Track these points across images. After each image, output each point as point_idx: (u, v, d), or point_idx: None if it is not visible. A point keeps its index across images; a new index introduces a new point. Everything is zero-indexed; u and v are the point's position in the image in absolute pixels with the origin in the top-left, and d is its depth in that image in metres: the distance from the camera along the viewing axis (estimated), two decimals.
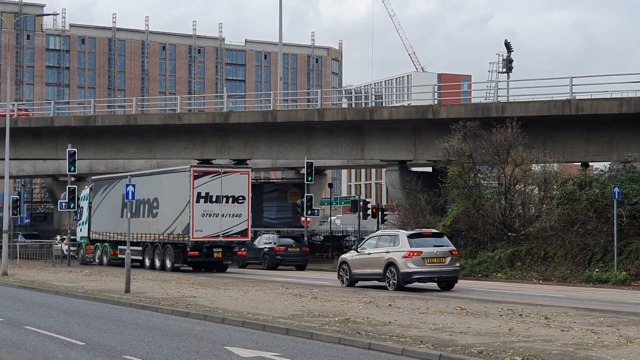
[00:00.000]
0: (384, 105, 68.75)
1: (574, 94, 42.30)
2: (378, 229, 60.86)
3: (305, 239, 53.42)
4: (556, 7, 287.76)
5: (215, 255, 41.63)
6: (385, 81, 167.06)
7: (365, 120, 48.79)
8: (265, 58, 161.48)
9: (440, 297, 25.20)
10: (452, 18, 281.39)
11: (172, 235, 42.32)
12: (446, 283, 29.85)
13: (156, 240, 43.35)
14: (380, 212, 59.05)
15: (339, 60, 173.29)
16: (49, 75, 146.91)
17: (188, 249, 41.22)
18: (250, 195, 42.56)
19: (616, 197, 34.54)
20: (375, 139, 49.52)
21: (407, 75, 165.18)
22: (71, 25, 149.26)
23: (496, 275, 38.34)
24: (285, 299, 24.24)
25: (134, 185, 29.34)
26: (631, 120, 41.88)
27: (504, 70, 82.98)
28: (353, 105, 76.93)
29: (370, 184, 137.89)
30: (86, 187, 53.54)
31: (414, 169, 53.44)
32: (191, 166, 42.71)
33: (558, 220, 39.11)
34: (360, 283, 30.80)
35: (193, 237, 40.77)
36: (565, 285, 33.86)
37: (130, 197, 28.67)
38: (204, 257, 41.74)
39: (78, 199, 49.21)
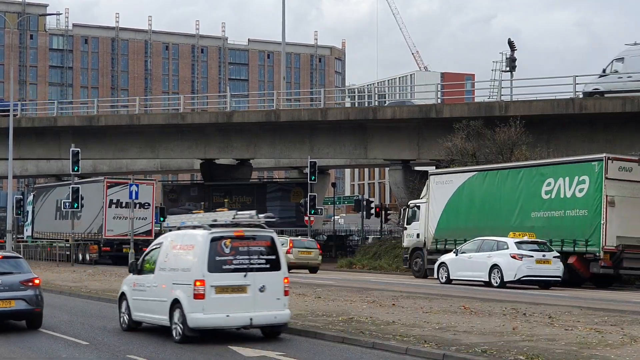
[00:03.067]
0: (387, 104, 68.64)
1: (577, 93, 42.25)
2: (381, 228, 60.98)
3: (309, 238, 53.36)
4: (559, 6, 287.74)
5: (124, 250, 47.95)
6: (388, 80, 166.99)
7: (369, 120, 48.78)
8: (268, 57, 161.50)
9: (444, 296, 25.19)
10: (455, 17, 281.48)
11: (90, 234, 51.24)
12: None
13: (80, 239, 51.34)
14: (383, 212, 59.09)
15: (342, 59, 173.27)
16: (52, 75, 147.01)
17: (101, 245, 49.98)
18: (154, 201, 51.21)
19: None
20: (378, 138, 49.50)
21: (410, 75, 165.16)
22: (74, 25, 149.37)
23: None
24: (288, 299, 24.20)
25: (137, 186, 29.47)
26: (634, 119, 41.82)
27: (507, 69, 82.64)
28: (356, 105, 76.81)
29: (374, 183, 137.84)
30: (31, 193, 61.17)
31: (417, 168, 53.42)
32: (104, 178, 51.83)
33: None
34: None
35: (105, 236, 49.78)
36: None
37: (133, 197, 28.75)
38: (114, 252, 50.04)
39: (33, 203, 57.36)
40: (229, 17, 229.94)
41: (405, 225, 40.10)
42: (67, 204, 47.97)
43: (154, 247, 17.53)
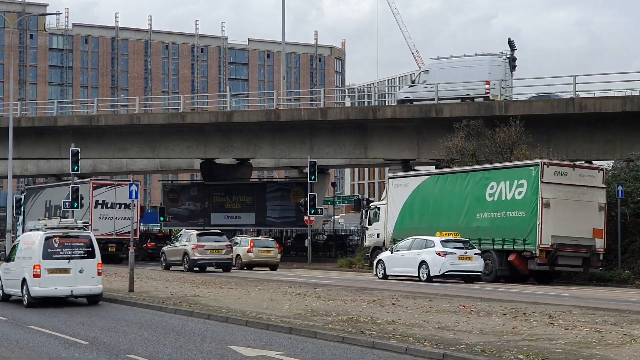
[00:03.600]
0: (387, 104, 68.64)
1: (577, 93, 42.29)
2: None
3: (309, 237, 53.46)
4: (560, 6, 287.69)
5: (110, 249, 49.54)
6: (388, 80, 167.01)
7: (369, 119, 48.79)
8: (268, 57, 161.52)
9: (444, 296, 25.20)
10: (455, 17, 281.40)
11: None
12: None
13: None
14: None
15: (342, 59, 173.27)
16: (52, 74, 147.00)
17: None
18: (139, 203, 51.95)
19: (620, 195, 34.53)
20: (378, 138, 49.50)
21: (410, 74, 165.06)
22: (74, 25, 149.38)
23: None
24: (288, 298, 24.23)
25: (137, 185, 29.63)
26: (635, 118, 41.84)
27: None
28: (356, 105, 76.85)
29: (374, 183, 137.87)
30: (22, 194, 61.16)
31: (417, 167, 53.41)
32: (91, 179, 54.16)
33: None
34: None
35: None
36: (569, 284, 33.83)
37: (133, 196, 28.89)
38: (100, 251, 48.25)
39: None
40: (229, 16, 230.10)
41: (367, 226, 42.48)
42: (67, 203, 48.17)
43: (16, 242, 25.50)
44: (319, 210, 54.81)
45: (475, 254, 32.94)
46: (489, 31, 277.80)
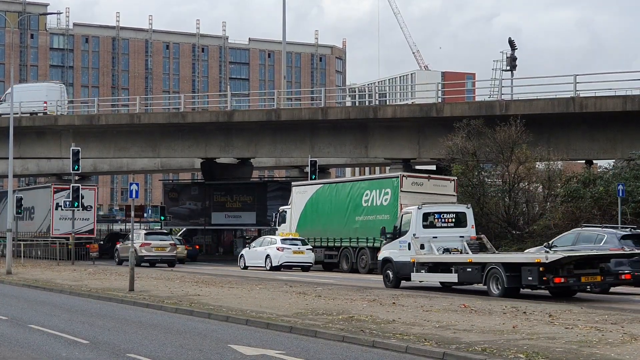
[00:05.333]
0: (387, 103, 68.72)
1: (578, 92, 42.28)
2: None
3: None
4: (561, 5, 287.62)
5: (69, 247, 52.37)
6: (389, 79, 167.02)
7: (369, 119, 48.79)
8: (269, 57, 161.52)
9: (444, 295, 25.20)
10: (456, 16, 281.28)
11: (40, 233, 58.62)
12: None
13: (33, 237, 58.03)
14: None
15: (343, 58, 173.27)
16: (53, 74, 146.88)
17: (50, 243, 56.51)
18: (97, 204, 57.64)
19: (620, 194, 34.52)
20: (379, 138, 49.51)
21: (411, 74, 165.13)
22: (75, 24, 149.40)
23: None
24: (289, 297, 24.24)
25: (137, 184, 29.67)
26: (635, 118, 41.84)
27: (508, 68, 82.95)
28: (357, 104, 76.92)
29: None
30: None
31: (417, 167, 53.43)
32: (52, 184, 60.27)
33: (562, 218, 39.11)
34: None
35: (52, 234, 56.55)
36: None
37: (134, 196, 28.95)
38: (60, 248, 54.61)
39: None
40: (230, 16, 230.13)
41: (277, 227, 47.44)
42: (68, 203, 48.70)
43: None
44: None
45: (307, 249, 42.09)
46: (490, 30, 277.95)
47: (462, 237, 28.85)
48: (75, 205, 48.39)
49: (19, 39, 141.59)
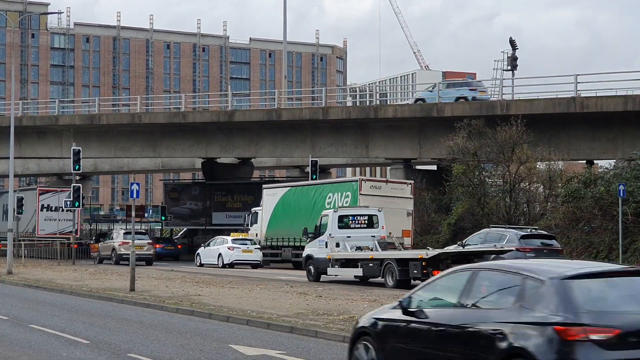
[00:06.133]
0: (388, 103, 68.64)
1: (578, 92, 42.24)
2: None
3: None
4: (562, 5, 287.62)
5: (53, 246, 54.91)
6: (389, 79, 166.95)
7: (370, 119, 48.78)
8: (269, 56, 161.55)
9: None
10: (457, 15, 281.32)
11: (27, 233, 60.04)
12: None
13: (20, 237, 57.06)
14: None
15: (344, 58, 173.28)
16: (54, 73, 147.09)
17: (36, 242, 58.41)
18: (90, 205, 59.23)
19: (621, 194, 34.47)
20: (379, 137, 49.50)
21: (412, 73, 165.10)
22: (75, 24, 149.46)
23: None
24: (289, 298, 24.24)
25: (138, 184, 29.87)
26: (636, 118, 41.80)
27: (509, 68, 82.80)
28: (358, 104, 76.92)
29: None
30: None
31: (418, 167, 53.42)
32: (37, 187, 64.45)
33: (563, 218, 39.07)
34: None
35: (38, 234, 58.91)
36: None
37: (134, 195, 29.07)
38: (45, 247, 57.02)
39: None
40: (231, 15, 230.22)
41: (249, 227, 49.11)
42: (68, 202, 48.85)
43: None
44: None
45: (255, 248, 45.44)
46: (490, 30, 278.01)
47: (374, 236, 32.62)
48: (76, 205, 48.45)
49: (20, 39, 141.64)
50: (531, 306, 8.78)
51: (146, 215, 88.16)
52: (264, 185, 50.69)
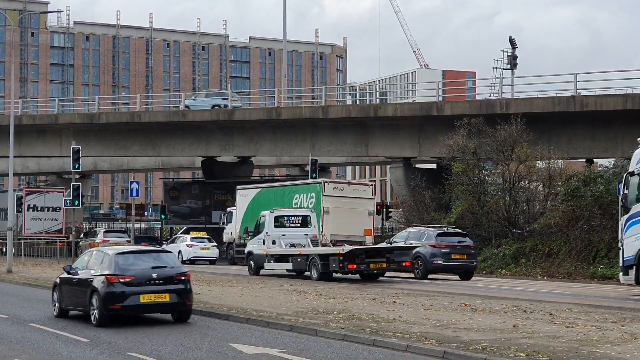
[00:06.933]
0: (388, 102, 68.68)
1: (578, 91, 42.24)
2: (382, 226, 61.05)
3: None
4: (562, 4, 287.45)
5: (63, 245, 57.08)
6: (389, 78, 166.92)
7: (370, 117, 48.78)
8: (269, 55, 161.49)
9: (445, 294, 25.21)
10: (457, 14, 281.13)
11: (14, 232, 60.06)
12: None
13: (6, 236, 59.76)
14: (384, 209, 59.01)
15: (343, 57, 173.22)
16: (53, 72, 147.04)
17: (22, 241, 58.08)
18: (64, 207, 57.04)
19: (620, 193, 34.44)
20: (379, 136, 49.50)
21: (412, 72, 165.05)
22: (75, 23, 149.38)
23: (501, 272, 38.35)
24: (289, 296, 24.24)
25: (137, 183, 29.98)
26: (636, 116, 41.77)
27: (509, 67, 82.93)
28: (357, 102, 76.92)
29: (375, 181, 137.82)
30: None
31: (418, 165, 53.40)
32: (24, 187, 66.23)
33: (562, 217, 39.10)
34: None
35: (25, 233, 59.95)
36: (570, 282, 33.84)
37: (134, 194, 29.12)
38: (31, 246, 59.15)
39: None
40: (230, 14, 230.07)
41: (224, 225, 51.26)
42: (68, 201, 48.75)
43: None
44: None
45: (212, 246, 49.49)
46: (490, 29, 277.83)
47: (307, 235, 34.86)
48: (76, 204, 48.40)
49: (20, 37, 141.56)
50: (103, 267, 18.50)
51: (146, 213, 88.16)
52: (237, 187, 51.55)
